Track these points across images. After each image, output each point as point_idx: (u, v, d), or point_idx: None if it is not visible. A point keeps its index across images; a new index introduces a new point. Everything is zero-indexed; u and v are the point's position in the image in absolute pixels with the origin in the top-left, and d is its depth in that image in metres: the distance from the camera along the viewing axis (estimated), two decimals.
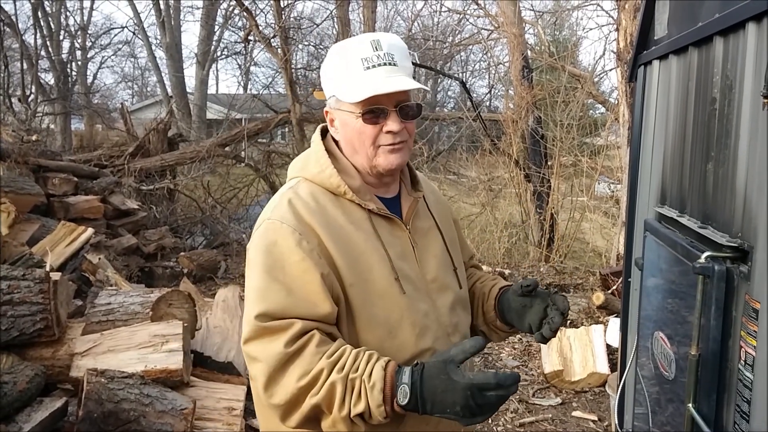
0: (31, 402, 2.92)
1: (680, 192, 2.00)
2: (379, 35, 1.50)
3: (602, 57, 14.42)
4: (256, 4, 11.34)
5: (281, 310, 1.35)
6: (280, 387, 1.32)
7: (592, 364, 4.60)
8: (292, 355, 1.32)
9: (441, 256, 1.62)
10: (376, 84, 1.42)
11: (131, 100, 29.45)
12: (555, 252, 7.99)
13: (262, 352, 1.33)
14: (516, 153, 8.64)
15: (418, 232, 1.60)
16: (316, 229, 1.43)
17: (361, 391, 1.29)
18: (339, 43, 1.53)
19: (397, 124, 1.47)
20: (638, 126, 2.59)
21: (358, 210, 1.51)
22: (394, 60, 1.47)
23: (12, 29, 16.35)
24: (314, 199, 1.49)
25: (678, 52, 2.09)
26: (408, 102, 1.49)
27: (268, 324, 1.34)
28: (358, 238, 1.47)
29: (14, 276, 3.17)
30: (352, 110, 1.48)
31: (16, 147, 6.39)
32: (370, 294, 1.45)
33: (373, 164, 1.51)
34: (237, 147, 10.96)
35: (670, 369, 1.90)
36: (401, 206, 1.60)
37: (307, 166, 1.56)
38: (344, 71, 1.48)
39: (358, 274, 1.44)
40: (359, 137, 1.49)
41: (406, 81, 1.45)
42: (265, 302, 1.36)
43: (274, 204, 1.51)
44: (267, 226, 1.45)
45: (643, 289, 2.38)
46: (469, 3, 11.89)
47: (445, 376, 1.24)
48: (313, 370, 1.30)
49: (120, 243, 6.77)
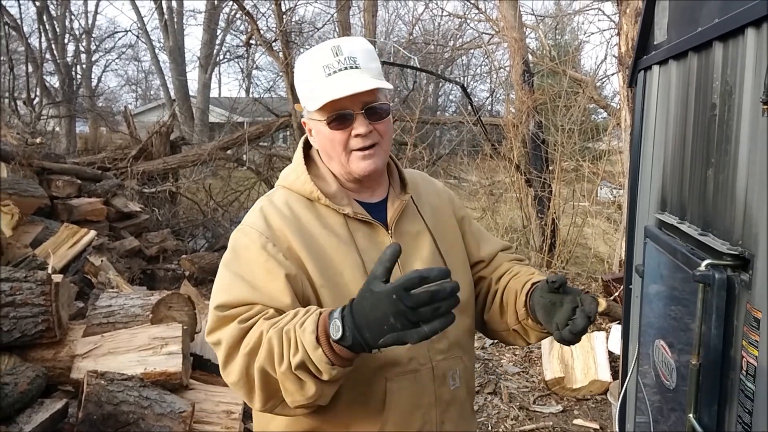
0: (32, 403, 2.92)
1: (680, 198, 2.00)
2: (341, 40, 1.50)
3: (604, 61, 14.44)
4: (257, 8, 11.38)
5: (246, 299, 1.37)
6: (233, 363, 1.32)
7: (593, 372, 4.59)
8: (246, 330, 1.31)
9: (430, 260, 1.56)
10: (336, 89, 1.41)
11: (135, 103, 29.53)
12: (557, 257, 7.97)
13: (221, 334, 1.34)
14: (517, 157, 8.64)
15: (405, 236, 1.57)
16: (287, 235, 1.45)
17: (296, 339, 1.23)
18: (304, 54, 1.53)
19: (363, 126, 1.45)
20: (638, 132, 2.59)
21: (333, 215, 1.51)
22: (357, 63, 1.45)
23: (17, 32, 16.42)
24: (288, 206, 1.51)
25: (678, 57, 2.08)
26: (374, 103, 1.47)
27: (227, 312, 1.36)
28: (330, 243, 1.47)
29: (16, 278, 3.18)
30: (319, 118, 1.48)
31: (21, 149, 6.42)
32: (341, 298, 1.42)
33: (348, 170, 1.51)
34: (239, 150, 10.98)
35: (671, 378, 1.89)
36: (387, 210, 1.58)
37: (287, 175, 1.58)
38: (308, 81, 1.49)
39: (329, 278, 1.44)
40: (330, 144, 1.49)
41: (364, 82, 1.42)
42: (227, 294, 1.39)
43: (249, 212, 1.55)
44: (238, 231, 1.50)
45: (644, 297, 2.37)
46: (470, 7, 11.89)
47: (368, 293, 1.15)
48: (255, 334, 1.29)
49: (122, 245, 6.78)
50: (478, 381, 4.78)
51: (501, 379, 4.88)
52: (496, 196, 9.58)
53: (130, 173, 9.25)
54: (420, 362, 1.49)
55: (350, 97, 1.41)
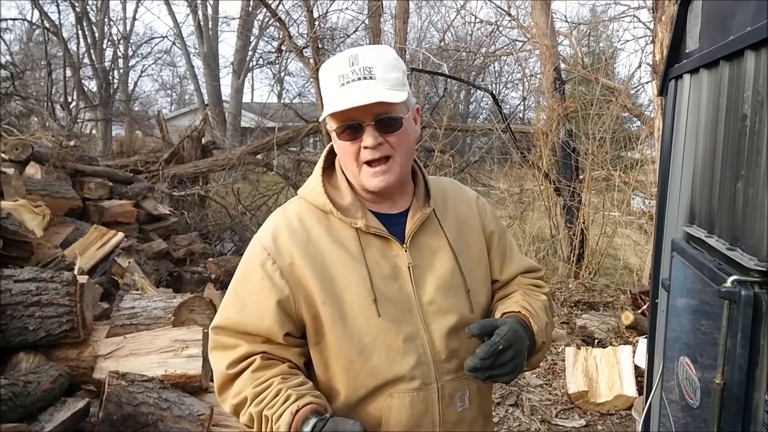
0: (55, 402, 2.97)
1: (709, 211, 1.94)
2: (360, 50, 1.47)
3: (638, 69, 14.23)
4: (290, 15, 11.48)
5: (233, 324, 1.48)
6: (224, 400, 1.48)
7: (618, 386, 4.49)
8: (233, 376, 1.45)
9: (447, 277, 1.52)
10: (343, 100, 1.40)
11: (170, 107, 30.06)
12: (584, 268, 7.84)
13: (214, 365, 1.50)
14: (546, 166, 8.53)
15: (423, 250, 1.53)
16: (291, 250, 1.47)
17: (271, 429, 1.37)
18: (326, 61, 1.52)
19: (372, 138, 1.43)
20: (668, 142, 2.53)
21: (346, 228, 1.50)
22: (372, 74, 1.43)
23: (57, 37, 16.83)
24: (300, 218, 1.52)
25: (709, 66, 2.02)
26: (387, 114, 1.43)
27: (221, 338, 1.50)
28: (338, 257, 1.47)
29: (43, 278, 3.24)
30: (332, 127, 1.48)
31: (55, 152, 6.55)
32: (342, 314, 1.45)
33: (360, 183, 1.50)
34: (268, 155, 11.07)
35: (695, 396, 1.83)
36: (406, 222, 1.54)
37: (307, 185, 1.58)
38: (325, 90, 1.48)
39: (333, 294, 1.45)
40: (343, 154, 1.49)
41: (374, 94, 1.39)
42: (221, 315, 1.52)
43: (266, 222, 1.59)
44: (251, 243, 1.55)
45: (670, 312, 2.31)
46: (502, 14, 11.83)
47: None
48: (242, 394, 1.42)
49: (151, 247, 6.86)
50: (500, 392, 4.71)
51: (523, 390, 4.80)
52: (525, 204, 9.47)
53: (162, 176, 9.38)
54: (425, 381, 1.47)
55: (361, 108, 1.39)
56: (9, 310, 3.10)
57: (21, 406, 2.67)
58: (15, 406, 2.62)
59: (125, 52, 22.93)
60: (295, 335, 1.48)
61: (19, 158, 5.95)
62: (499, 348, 1.36)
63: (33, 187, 5.33)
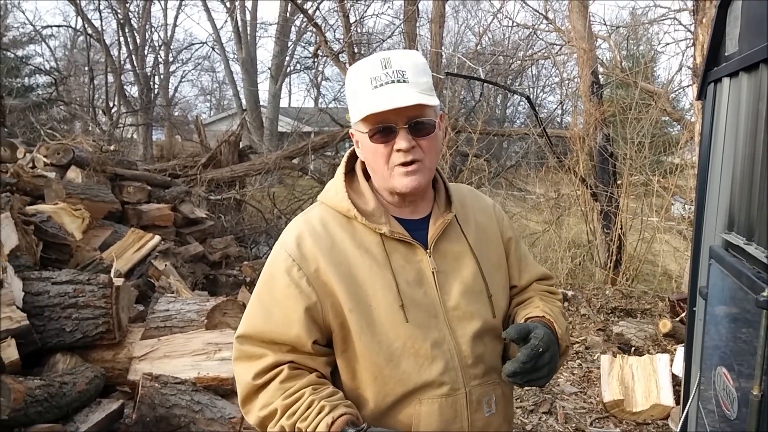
0: (90, 403, 3.03)
1: (748, 219, 1.88)
2: (392, 53, 1.47)
3: (678, 72, 13.91)
4: (326, 21, 11.57)
5: (258, 333, 1.45)
6: (249, 412, 1.44)
7: (655, 395, 4.38)
8: (259, 387, 1.42)
9: (470, 282, 1.52)
10: (379, 102, 1.39)
11: (209, 112, 30.59)
12: (622, 275, 7.69)
13: (238, 376, 1.47)
14: (583, 170, 8.40)
15: (447, 255, 1.53)
16: (317, 256, 1.45)
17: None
18: (355, 64, 1.51)
19: (405, 141, 1.42)
20: (706, 147, 2.46)
21: (370, 234, 1.49)
22: (405, 77, 1.42)
23: (99, 43, 17.28)
24: (323, 224, 1.50)
25: (749, 70, 1.97)
26: (420, 118, 1.43)
27: (246, 348, 1.46)
28: (363, 263, 1.45)
29: (80, 280, 3.30)
30: (362, 130, 1.46)
31: (95, 156, 6.71)
32: (370, 321, 1.43)
33: (390, 185, 1.48)
34: (304, 159, 11.16)
35: (732, 408, 1.78)
36: (429, 228, 1.54)
37: (328, 189, 1.57)
38: (355, 92, 1.47)
39: (360, 300, 1.43)
40: (373, 157, 1.47)
41: (409, 97, 1.39)
42: (246, 324, 1.49)
43: (287, 227, 1.56)
44: (273, 250, 1.53)
45: (708, 320, 2.26)
46: (539, 18, 11.71)
47: None
48: (270, 406, 1.39)
49: (187, 250, 6.97)
50: (533, 400, 4.64)
51: (557, 398, 4.72)
52: (561, 209, 9.34)
53: (199, 180, 9.54)
54: (454, 387, 1.46)
55: (394, 110, 1.39)
56: (47, 311, 3.17)
57: (56, 407, 2.72)
58: (50, 406, 2.68)
59: (166, 57, 23.46)
60: (322, 343, 1.46)
61: (60, 162, 6.12)
62: (539, 351, 1.35)
63: (73, 191, 5.47)
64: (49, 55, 20.50)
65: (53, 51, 20.84)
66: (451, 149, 9.09)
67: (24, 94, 17.18)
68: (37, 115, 13.45)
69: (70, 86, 18.22)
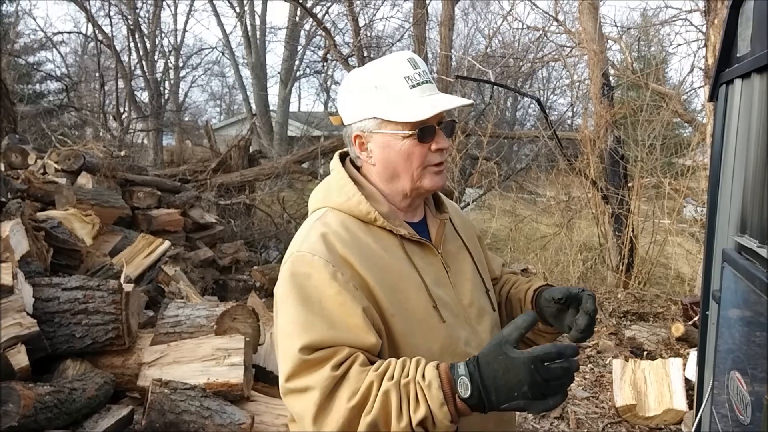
0: (99, 409, 3.02)
1: (761, 221, 1.86)
2: (409, 53, 1.47)
3: (690, 74, 13.84)
4: (335, 25, 11.59)
5: (329, 340, 1.27)
6: (331, 414, 1.22)
7: (668, 400, 4.33)
8: (340, 378, 1.24)
9: (474, 279, 1.56)
10: (433, 101, 1.40)
11: (219, 117, 30.71)
12: (634, 278, 7.63)
13: (310, 381, 1.25)
14: (594, 173, 8.36)
15: (450, 255, 1.56)
16: (350, 260, 1.36)
17: (418, 393, 1.19)
18: (369, 65, 1.48)
19: (445, 141, 1.45)
20: (718, 149, 2.43)
21: (389, 237, 1.46)
22: (430, 78, 1.45)
23: (110, 49, 17.41)
24: (345, 228, 1.42)
25: (761, 71, 1.94)
26: (447, 119, 1.46)
27: (313, 356, 1.26)
28: (392, 266, 1.42)
29: (90, 286, 3.31)
30: (399, 131, 1.42)
31: (106, 162, 6.75)
32: (411, 325, 1.39)
33: (416, 186, 1.46)
34: (313, 163, 11.18)
35: (746, 413, 1.75)
36: (429, 230, 1.56)
37: (330, 196, 1.50)
38: (388, 91, 1.42)
39: (398, 304, 1.39)
40: (407, 159, 1.43)
41: (456, 97, 1.44)
42: (308, 334, 1.28)
43: (302, 237, 1.44)
44: (296, 259, 1.38)
45: (721, 324, 2.22)
46: (550, 20, 11.67)
47: (503, 356, 1.15)
48: (362, 386, 1.21)
49: (197, 255, 6.98)
50: None
51: (569, 403, 4.68)
52: (572, 212, 9.29)
53: (209, 185, 9.57)
54: None
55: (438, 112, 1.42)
56: (57, 317, 3.18)
57: (66, 413, 2.72)
58: (60, 413, 2.68)
59: (176, 63, 23.60)
60: None
61: (71, 168, 6.16)
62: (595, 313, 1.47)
63: (84, 197, 5.49)
64: (60, 62, 20.74)
65: (64, 57, 21.07)
66: (461, 152, 9.08)
67: (35, 101, 17.31)
68: (48, 121, 13.56)
69: (81, 92, 18.39)
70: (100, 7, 17.65)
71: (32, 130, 12.28)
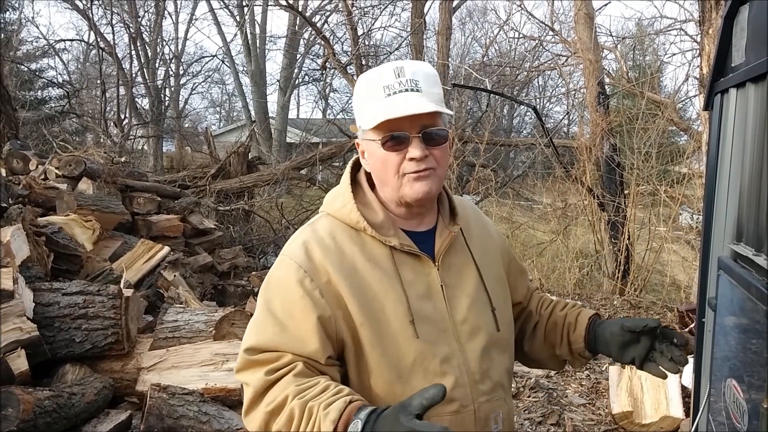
0: (98, 413, 3.04)
1: (757, 229, 1.87)
2: (405, 62, 1.46)
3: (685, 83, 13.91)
4: (334, 33, 11.65)
5: (273, 345, 1.38)
6: (255, 413, 1.34)
7: (665, 407, 4.34)
8: (272, 383, 1.33)
9: (475, 296, 1.50)
10: (395, 109, 1.37)
11: (218, 124, 30.79)
12: (630, 285, 7.65)
13: (249, 378, 1.36)
14: (590, 180, 8.40)
15: (451, 268, 1.51)
16: (327, 268, 1.40)
17: (315, 419, 1.24)
18: (365, 73, 1.50)
19: (419, 150, 1.39)
20: (713, 158, 2.45)
21: (379, 246, 1.45)
22: (418, 86, 1.40)
23: (111, 57, 17.46)
24: (331, 235, 1.46)
25: (756, 80, 1.96)
26: (433, 127, 1.42)
27: (256, 357, 1.38)
28: (373, 277, 1.42)
29: (90, 291, 3.32)
30: (374, 138, 1.43)
31: (106, 168, 6.77)
32: (381, 336, 1.39)
33: (400, 195, 1.45)
34: (312, 170, 11.21)
35: (743, 421, 1.76)
36: (435, 240, 1.51)
37: (332, 201, 1.53)
38: (365, 99, 1.45)
39: (371, 314, 1.40)
40: (384, 166, 1.43)
41: (424, 105, 1.37)
42: (257, 336, 1.40)
43: (290, 241, 1.51)
44: (278, 261, 1.47)
45: (717, 331, 2.24)
46: (546, 30, 11.75)
47: (395, 421, 1.16)
48: (280, 396, 1.30)
49: (196, 261, 7.00)
50: (541, 411, 4.62)
51: (565, 410, 4.69)
52: (569, 219, 9.32)
53: (208, 191, 9.60)
54: (463, 404, 1.43)
55: (408, 119, 1.37)
56: (57, 322, 3.19)
57: (65, 418, 2.73)
58: (59, 417, 2.69)
59: (176, 70, 23.65)
60: (334, 358, 1.42)
61: (72, 174, 6.18)
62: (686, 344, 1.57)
63: (84, 202, 5.51)
64: (62, 69, 20.83)
65: (66, 64, 21.17)
66: (458, 159, 9.12)
67: (37, 107, 17.35)
68: (50, 127, 13.60)
69: (83, 99, 18.43)
70: (102, 16, 17.73)
71: (34, 136, 12.30)
